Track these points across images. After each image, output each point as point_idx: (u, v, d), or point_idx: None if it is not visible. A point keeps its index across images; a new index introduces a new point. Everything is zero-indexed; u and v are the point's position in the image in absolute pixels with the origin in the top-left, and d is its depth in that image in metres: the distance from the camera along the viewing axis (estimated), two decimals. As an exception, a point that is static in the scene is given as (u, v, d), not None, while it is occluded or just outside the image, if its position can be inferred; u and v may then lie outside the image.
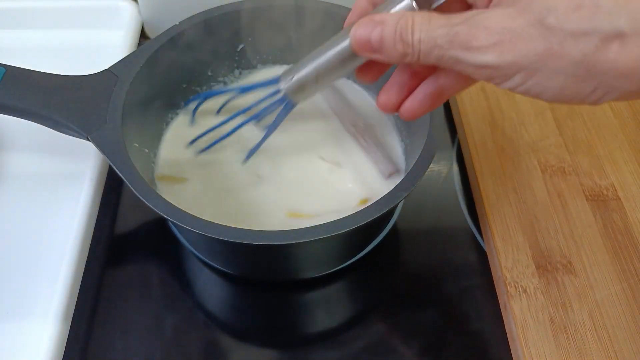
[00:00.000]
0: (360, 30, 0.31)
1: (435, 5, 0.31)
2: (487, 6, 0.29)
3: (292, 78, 0.38)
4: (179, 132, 0.48)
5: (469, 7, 0.31)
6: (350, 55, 0.34)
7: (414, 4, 0.31)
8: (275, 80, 0.40)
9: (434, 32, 0.28)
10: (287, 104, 0.41)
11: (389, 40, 0.30)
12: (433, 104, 0.34)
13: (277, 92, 0.40)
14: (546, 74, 0.26)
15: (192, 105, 0.48)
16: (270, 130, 0.44)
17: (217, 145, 0.46)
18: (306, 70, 0.37)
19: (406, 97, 0.34)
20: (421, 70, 0.34)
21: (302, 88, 0.39)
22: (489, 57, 0.27)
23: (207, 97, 0.47)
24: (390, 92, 0.35)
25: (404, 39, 0.29)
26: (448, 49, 0.28)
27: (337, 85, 0.51)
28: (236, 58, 0.51)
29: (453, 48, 0.28)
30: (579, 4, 0.25)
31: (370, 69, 0.36)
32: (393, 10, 0.31)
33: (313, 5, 0.48)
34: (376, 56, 0.31)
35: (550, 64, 0.26)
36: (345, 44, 0.34)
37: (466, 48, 0.27)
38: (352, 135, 0.48)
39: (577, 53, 0.25)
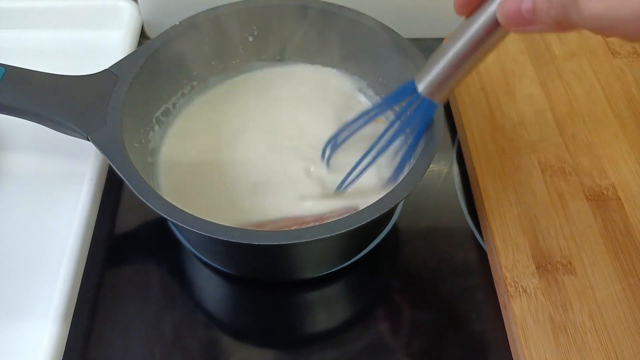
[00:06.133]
0: (509, 4, 0.30)
1: None
2: None
3: (431, 77, 0.36)
4: (179, 131, 0.48)
5: None
6: (488, 34, 0.33)
7: None
8: (408, 88, 0.38)
9: None
10: (429, 107, 0.38)
11: (542, 9, 0.28)
12: None
13: (415, 99, 0.38)
14: None
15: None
16: (417, 140, 0.40)
17: (216, 146, 0.46)
18: (444, 63, 0.36)
19: None
20: None
21: (442, 84, 0.37)
22: (600, 9, 0.24)
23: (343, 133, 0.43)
24: None
25: (555, 4, 0.27)
26: (567, 14, 0.26)
27: None
28: (237, 59, 0.51)
29: (570, 7, 0.26)
30: None
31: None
32: None
33: (317, 5, 0.48)
34: (528, 28, 0.30)
35: None
36: (481, 23, 0.33)
37: (576, 4, 0.25)
38: None
39: None
